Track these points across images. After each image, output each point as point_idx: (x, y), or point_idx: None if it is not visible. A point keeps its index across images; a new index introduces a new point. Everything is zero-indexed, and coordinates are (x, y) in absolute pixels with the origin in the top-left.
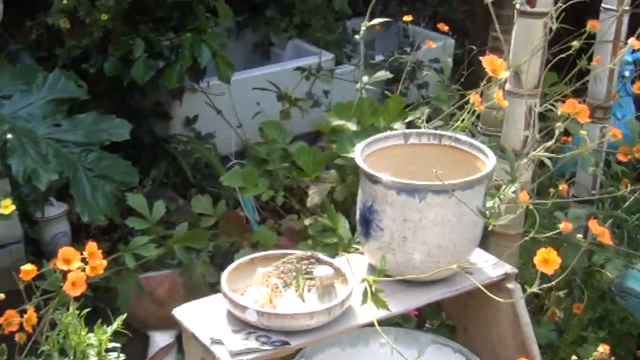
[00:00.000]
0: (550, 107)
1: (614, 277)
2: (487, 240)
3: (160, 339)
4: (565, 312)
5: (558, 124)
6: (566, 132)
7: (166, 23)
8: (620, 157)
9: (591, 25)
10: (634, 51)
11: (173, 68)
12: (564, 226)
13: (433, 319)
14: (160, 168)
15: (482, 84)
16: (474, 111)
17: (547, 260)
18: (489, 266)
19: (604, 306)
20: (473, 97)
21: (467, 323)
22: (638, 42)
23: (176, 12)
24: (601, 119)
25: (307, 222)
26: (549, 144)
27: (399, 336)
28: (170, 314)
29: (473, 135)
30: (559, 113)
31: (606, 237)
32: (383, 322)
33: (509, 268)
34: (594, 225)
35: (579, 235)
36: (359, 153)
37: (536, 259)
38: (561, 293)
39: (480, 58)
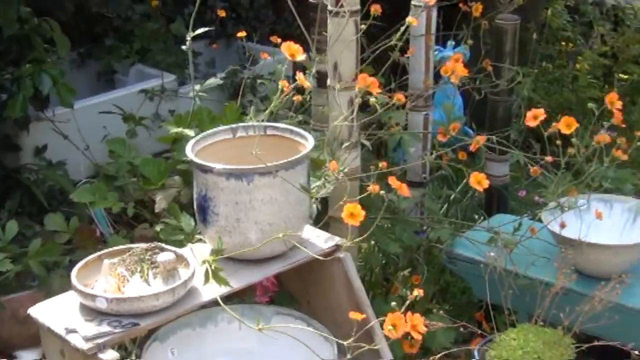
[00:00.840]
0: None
1: (445, 245)
2: (328, 226)
3: (28, 357)
4: (412, 288)
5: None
6: None
7: (5, 56)
8: (440, 137)
9: (410, 21)
10: (455, 46)
11: (15, 99)
12: (373, 187)
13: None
14: (14, 199)
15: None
16: (286, 96)
17: (353, 214)
18: (321, 240)
19: (445, 279)
20: (282, 83)
21: (308, 297)
22: None
23: (14, 45)
24: (423, 106)
25: (157, 228)
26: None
27: (245, 311)
28: (35, 332)
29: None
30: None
31: (404, 190)
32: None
33: (338, 240)
34: (393, 180)
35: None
36: (189, 148)
37: (343, 214)
38: (406, 272)
39: (283, 44)
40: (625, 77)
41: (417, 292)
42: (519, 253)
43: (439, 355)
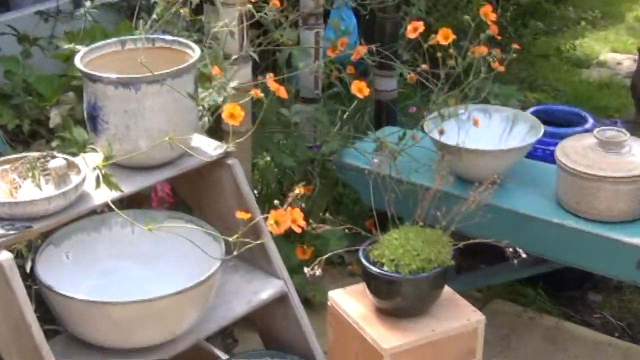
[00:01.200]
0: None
1: (334, 156)
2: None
3: None
4: (307, 202)
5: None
6: None
7: None
8: (329, 53)
9: None
10: None
11: None
12: (255, 92)
13: None
14: None
15: None
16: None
17: (233, 114)
18: (211, 148)
19: (338, 191)
20: None
21: (201, 204)
22: None
23: None
24: (314, 24)
25: (54, 143)
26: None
27: (137, 216)
28: None
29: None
30: None
31: (282, 92)
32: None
33: (229, 148)
34: (270, 82)
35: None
36: (78, 59)
37: (224, 115)
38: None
39: None
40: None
41: (300, 191)
42: (404, 161)
43: (326, 256)
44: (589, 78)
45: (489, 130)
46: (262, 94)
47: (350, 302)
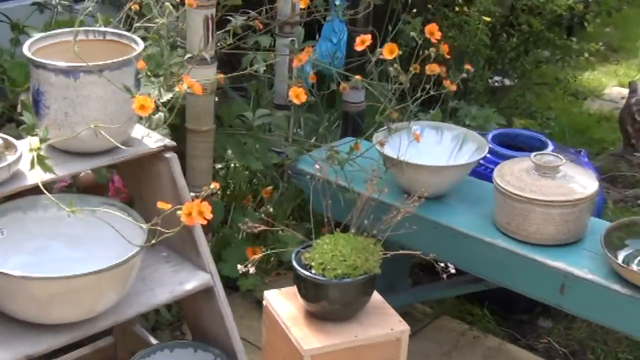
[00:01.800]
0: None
1: (290, 161)
2: (184, 139)
3: None
4: (275, 205)
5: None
6: None
7: None
8: (295, 63)
9: None
10: None
11: None
12: (180, 87)
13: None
14: None
15: None
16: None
17: (144, 106)
18: (152, 140)
19: (304, 197)
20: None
21: (141, 194)
22: None
23: None
24: (289, 33)
25: (21, 127)
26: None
27: (73, 199)
28: None
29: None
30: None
31: (197, 88)
32: None
33: (167, 141)
34: (186, 79)
35: None
36: (26, 46)
37: (134, 105)
38: (269, 189)
39: None
40: (523, 27)
41: (215, 186)
42: (354, 170)
43: (259, 255)
44: (590, 110)
45: (440, 147)
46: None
47: (284, 303)
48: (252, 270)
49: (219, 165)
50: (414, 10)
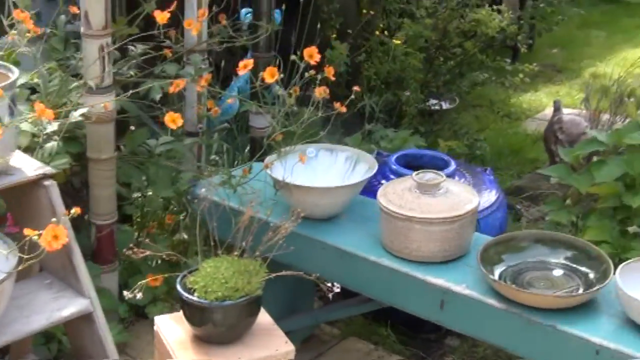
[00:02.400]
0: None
1: (188, 186)
2: (86, 169)
3: None
4: (187, 231)
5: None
6: None
7: None
8: (198, 88)
9: None
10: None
11: None
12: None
13: None
14: None
15: None
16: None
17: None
18: (32, 168)
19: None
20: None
21: (23, 219)
22: None
23: None
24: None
25: None
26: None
27: None
28: None
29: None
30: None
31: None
32: None
33: (47, 169)
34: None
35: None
36: None
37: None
38: (181, 216)
39: None
40: (456, 50)
41: (76, 211)
42: (248, 193)
43: (145, 281)
44: (527, 130)
45: (335, 168)
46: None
47: (173, 327)
48: (139, 295)
49: (136, 194)
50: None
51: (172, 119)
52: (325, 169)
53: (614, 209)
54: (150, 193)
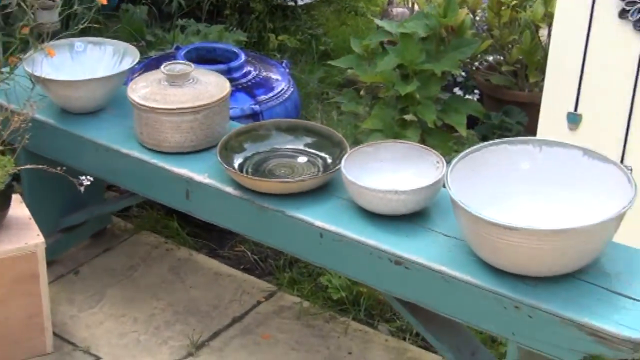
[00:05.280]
0: None
1: None
2: None
3: None
4: None
5: None
6: None
7: None
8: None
9: None
10: None
11: None
12: None
13: None
14: None
15: None
16: None
17: None
18: None
19: None
20: None
21: None
22: None
23: None
24: None
25: None
26: None
27: None
28: None
29: None
30: None
31: None
32: None
33: None
34: None
35: None
36: None
37: None
38: None
39: None
40: None
41: None
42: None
43: None
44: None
45: (104, 62)
46: None
47: None
48: None
49: None
50: None
51: None
52: (94, 62)
53: (397, 97)
54: None
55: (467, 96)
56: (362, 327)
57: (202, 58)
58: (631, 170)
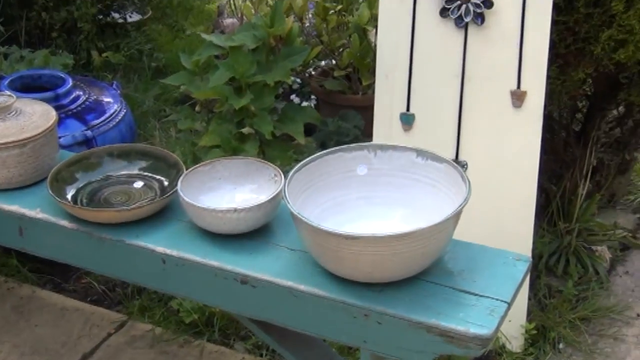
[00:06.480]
0: None
1: None
2: None
3: None
4: None
5: None
6: None
7: None
8: None
9: None
10: None
11: None
12: None
13: None
14: None
15: None
16: None
17: None
18: None
19: None
20: None
21: None
22: None
23: None
24: None
25: None
26: None
27: None
28: None
29: None
30: None
31: None
32: None
33: None
34: None
35: None
36: None
37: None
38: None
39: None
40: None
41: None
42: None
43: None
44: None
45: None
46: None
47: None
48: None
49: None
50: None
51: None
52: None
53: (233, 111)
54: None
55: (304, 103)
56: (218, 348)
57: (28, 86)
58: (466, 165)
